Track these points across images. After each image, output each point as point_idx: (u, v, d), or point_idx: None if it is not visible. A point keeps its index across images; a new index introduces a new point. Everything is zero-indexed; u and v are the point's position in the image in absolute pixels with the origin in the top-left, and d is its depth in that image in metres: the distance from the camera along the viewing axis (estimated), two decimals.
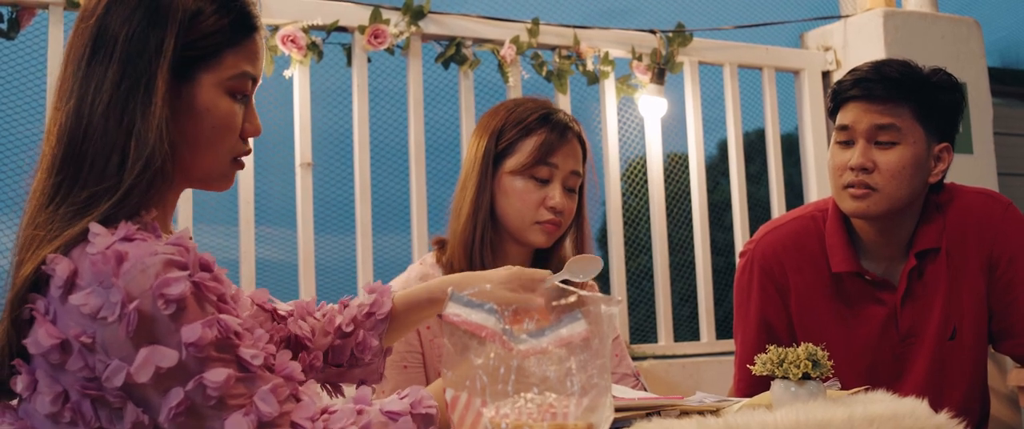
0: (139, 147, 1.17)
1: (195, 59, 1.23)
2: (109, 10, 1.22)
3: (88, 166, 1.18)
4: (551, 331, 1.14)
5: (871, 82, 1.97)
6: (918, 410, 1.33)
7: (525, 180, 2.01)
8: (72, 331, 1.11)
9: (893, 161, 1.96)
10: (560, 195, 2.00)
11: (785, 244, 2.12)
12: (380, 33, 3.05)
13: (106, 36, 1.21)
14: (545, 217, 2.00)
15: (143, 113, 1.18)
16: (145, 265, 1.10)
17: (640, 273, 3.66)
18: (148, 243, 1.13)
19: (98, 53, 1.20)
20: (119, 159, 1.17)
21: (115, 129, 1.18)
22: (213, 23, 1.24)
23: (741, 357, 2.14)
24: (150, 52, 1.19)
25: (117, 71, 1.19)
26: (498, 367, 1.10)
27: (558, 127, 2.03)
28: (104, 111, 1.18)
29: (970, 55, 3.89)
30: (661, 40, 3.52)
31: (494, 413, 1.09)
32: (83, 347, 1.11)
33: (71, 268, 1.12)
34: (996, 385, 3.26)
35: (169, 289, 1.09)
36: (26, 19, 2.69)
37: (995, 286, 2.04)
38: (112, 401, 1.12)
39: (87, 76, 1.20)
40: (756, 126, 3.93)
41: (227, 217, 2.95)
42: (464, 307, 1.16)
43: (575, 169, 2.04)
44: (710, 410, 1.35)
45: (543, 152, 2.00)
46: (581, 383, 1.10)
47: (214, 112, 1.25)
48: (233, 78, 1.26)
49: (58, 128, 1.20)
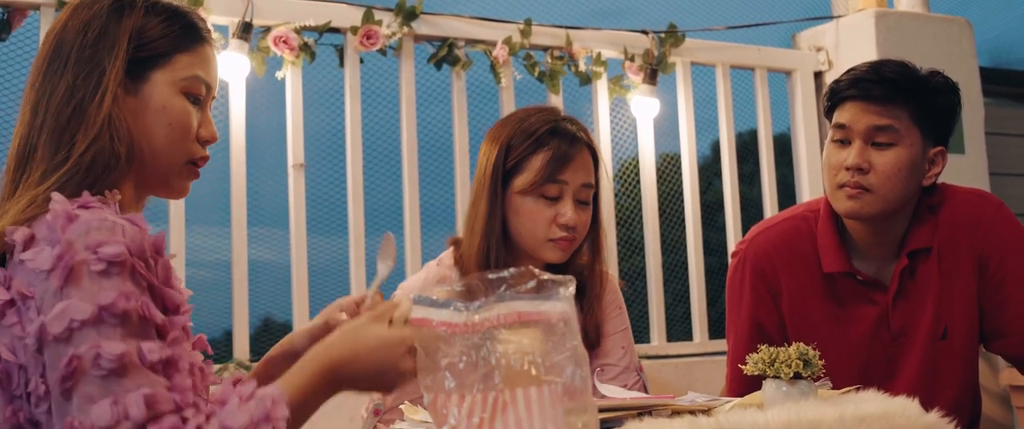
0: (86, 130, 1.26)
1: (147, 59, 1.33)
2: (66, 25, 1.33)
3: (40, 154, 1.27)
4: (509, 300, 1.13)
5: (869, 82, 1.97)
6: (909, 409, 1.33)
7: (535, 199, 1.98)
8: (18, 284, 1.17)
9: (889, 162, 1.96)
10: (571, 211, 1.97)
11: (777, 244, 2.12)
12: (372, 34, 3.05)
13: (61, 49, 1.31)
14: (557, 235, 1.97)
15: (90, 106, 1.27)
16: (91, 226, 1.16)
17: (633, 273, 3.67)
18: (102, 211, 1.20)
19: (53, 64, 1.31)
20: (69, 141, 1.26)
21: (65, 121, 1.27)
22: (162, 29, 1.35)
23: (733, 357, 2.14)
24: (101, 55, 1.30)
25: (70, 75, 1.29)
26: (461, 359, 1.10)
27: (566, 141, 2.00)
28: (56, 109, 1.28)
29: (962, 55, 3.90)
30: (653, 41, 3.52)
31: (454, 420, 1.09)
32: (22, 300, 1.16)
33: (29, 234, 1.19)
34: (988, 384, 3.27)
35: (104, 248, 1.15)
36: (17, 20, 2.69)
37: (986, 286, 2.04)
38: (27, 366, 1.16)
39: (43, 84, 1.30)
40: (748, 126, 3.94)
41: (219, 218, 2.94)
42: (428, 308, 1.15)
43: (586, 182, 2.00)
44: (701, 409, 1.35)
45: (551, 170, 1.97)
46: (548, 365, 1.09)
47: (169, 110, 1.33)
48: (186, 79, 1.35)
49: (19, 133, 1.30)
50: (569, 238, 1.98)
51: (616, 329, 2.09)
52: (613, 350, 2.07)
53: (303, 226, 2.99)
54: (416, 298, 1.16)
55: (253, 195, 2.96)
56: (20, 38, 2.72)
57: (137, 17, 1.33)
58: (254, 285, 2.95)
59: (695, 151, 3.63)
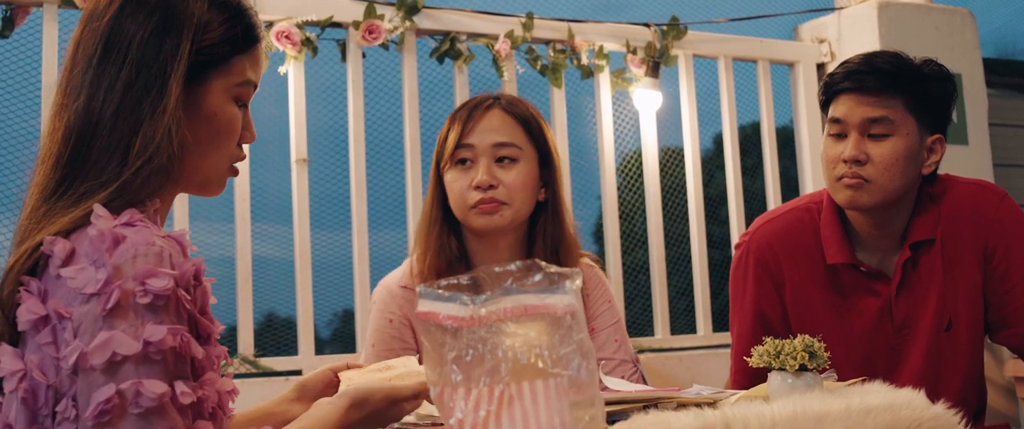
0: (143, 144, 1.19)
1: (207, 64, 1.27)
2: (123, 12, 1.24)
3: (92, 162, 1.20)
4: (516, 293, 1.12)
5: (863, 74, 1.98)
6: (915, 401, 1.33)
7: (453, 172, 1.98)
8: (55, 304, 1.12)
9: (886, 153, 1.96)
10: (482, 171, 1.94)
11: (780, 236, 2.12)
12: (375, 28, 3.04)
13: (119, 38, 1.23)
14: (474, 198, 1.94)
15: (152, 114, 1.20)
16: (139, 252, 1.12)
17: (636, 267, 3.67)
18: (148, 230, 1.15)
19: (110, 54, 1.22)
20: (122, 155, 1.20)
21: (124, 128, 1.20)
22: (225, 31, 1.28)
23: (737, 349, 2.15)
24: (165, 56, 1.22)
25: (130, 73, 1.21)
26: (467, 353, 1.10)
27: (470, 107, 1.99)
28: (115, 111, 1.20)
29: (965, 46, 3.90)
30: (655, 33, 3.52)
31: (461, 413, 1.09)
32: (58, 322, 1.12)
33: (69, 248, 1.14)
34: (993, 375, 3.27)
35: (152, 281, 1.11)
36: (20, 17, 2.69)
37: (991, 277, 2.04)
38: (57, 387, 1.12)
39: (98, 75, 1.22)
40: (751, 119, 3.94)
41: (223, 214, 2.95)
42: (435, 301, 1.15)
43: (499, 141, 1.96)
44: (707, 402, 1.35)
45: (458, 137, 1.96)
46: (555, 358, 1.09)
47: (221, 117, 1.29)
48: (240, 85, 1.30)
49: (65, 126, 1.22)
50: (486, 199, 1.94)
51: (607, 323, 2.08)
52: (606, 344, 2.06)
53: (306, 221, 2.99)
54: (422, 292, 1.16)
55: (256, 191, 2.96)
56: (23, 35, 2.72)
57: (200, 14, 1.26)
58: (258, 281, 2.95)
59: (698, 144, 3.63)
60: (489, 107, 2.00)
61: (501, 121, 1.98)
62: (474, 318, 1.11)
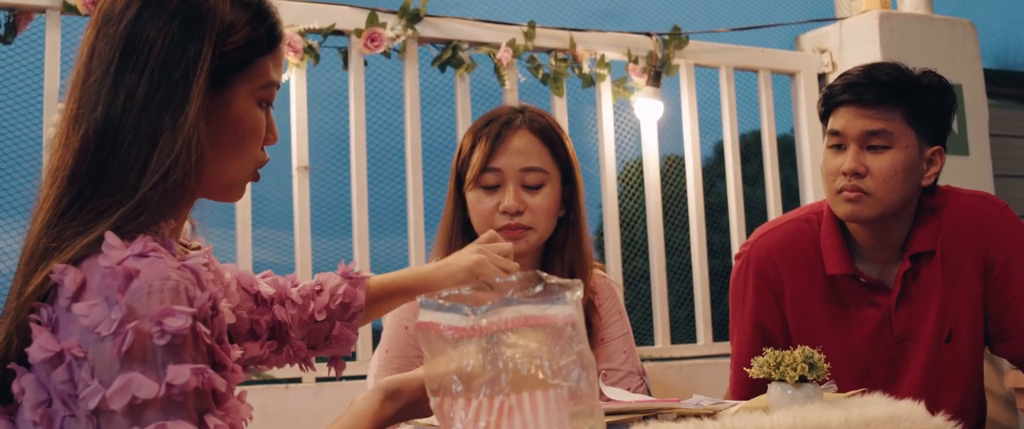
0: (160, 157, 1.13)
1: (230, 68, 1.21)
2: (140, 16, 1.17)
3: (111, 177, 1.14)
4: (516, 304, 1.13)
5: (862, 86, 1.98)
6: (915, 413, 1.33)
7: (478, 192, 1.98)
8: (68, 342, 1.07)
9: (885, 165, 1.96)
10: (510, 197, 1.94)
11: (780, 247, 2.12)
12: (376, 36, 3.05)
13: (138, 44, 1.16)
14: (501, 223, 1.95)
15: (173, 126, 1.14)
16: (153, 288, 1.06)
17: (637, 276, 3.67)
18: (162, 263, 1.09)
19: (129, 61, 1.16)
20: (139, 170, 1.14)
21: (143, 141, 1.14)
22: (249, 33, 1.22)
23: (737, 360, 2.15)
24: (187, 62, 1.16)
25: (151, 81, 1.15)
26: (467, 363, 1.10)
27: (498, 126, 1.98)
28: (135, 122, 1.14)
29: (965, 57, 3.90)
30: (657, 43, 3.52)
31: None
32: (73, 359, 1.07)
33: (80, 279, 1.09)
34: (993, 387, 3.27)
35: (170, 320, 1.05)
36: (23, 23, 2.69)
37: (991, 289, 2.04)
38: (76, 417, 1.08)
39: (116, 84, 1.16)
40: (752, 128, 3.94)
41: (225, 220, 2.95)
42: (436, 311, 1.15)
43: (527, 166, 1.96)
44: (707, 413, 1.35)
45: (485, 159, 1.96)
46: (555, 369, 1.09)
47: (246, 121, 1.24)
48: (264, 86, 1.25)
49: (82, 138, 1.16)
50: (513, 225, 1.95)
51: (617, 334, 2.09)
52: (615, 354, 2.07)
53: (307, 228, 2.99)
54: (423, 301, 1.16)
55: (258, 197, 2.96)
56: (26, 41, 2.73)
57: (223, 14, 1.20)
58: None
59: (699, 153, 3.63)
60: (517, 127, 1.99)
61: (528, 142, 1.98)
62: (475, 328, 1.11)
